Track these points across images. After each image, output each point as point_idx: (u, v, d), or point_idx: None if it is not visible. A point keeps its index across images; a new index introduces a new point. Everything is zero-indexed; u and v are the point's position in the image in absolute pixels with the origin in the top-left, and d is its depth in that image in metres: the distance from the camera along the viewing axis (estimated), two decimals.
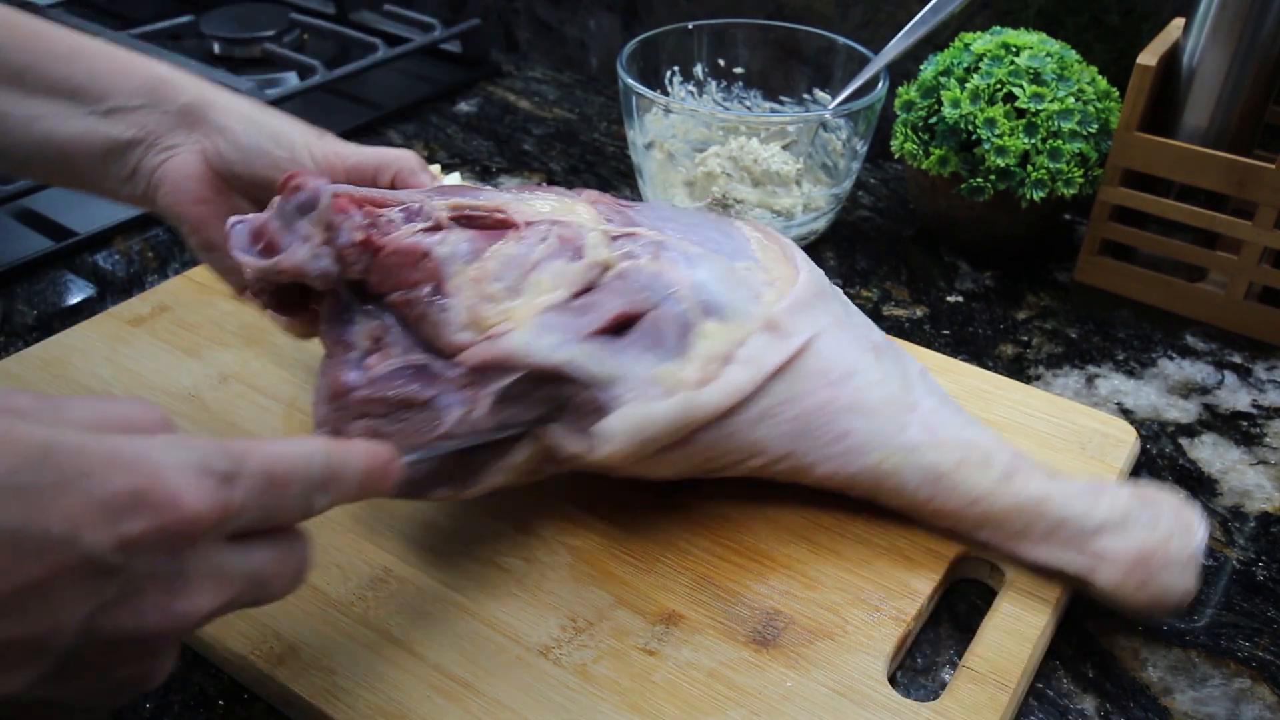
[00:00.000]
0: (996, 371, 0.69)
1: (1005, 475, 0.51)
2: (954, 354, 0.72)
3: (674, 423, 0.49)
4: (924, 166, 0.77)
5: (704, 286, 0.52)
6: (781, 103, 0.91)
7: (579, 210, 0.54)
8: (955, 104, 0.74)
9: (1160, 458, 0.64)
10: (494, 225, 0.51)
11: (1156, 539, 0.49)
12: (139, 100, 0.54)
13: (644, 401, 0.49)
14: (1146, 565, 0.49)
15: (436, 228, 0.50)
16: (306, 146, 0.55)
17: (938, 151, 0.76)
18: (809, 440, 0.52)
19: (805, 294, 0.54)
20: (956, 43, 0.78)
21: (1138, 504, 0.51)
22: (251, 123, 0.54)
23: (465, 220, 0.51)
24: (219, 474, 0.33)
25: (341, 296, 0.50)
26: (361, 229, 0.49)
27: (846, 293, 0.60)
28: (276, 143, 0.54)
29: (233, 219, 0.51)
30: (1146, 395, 0.69)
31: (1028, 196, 0.74)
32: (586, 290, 0.50)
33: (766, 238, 0.58)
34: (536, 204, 0.53)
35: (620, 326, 0.50)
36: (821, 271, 0.58)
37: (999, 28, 0.79)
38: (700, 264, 0.53)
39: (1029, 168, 0.73)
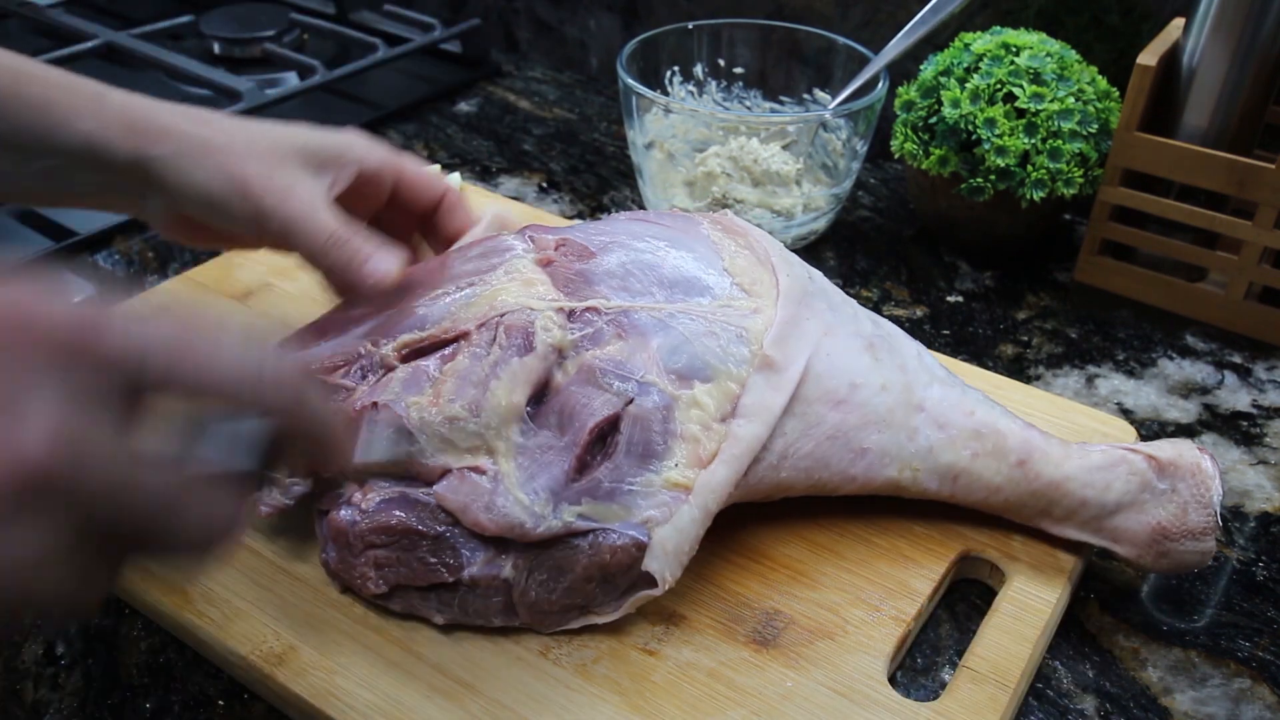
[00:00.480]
0: (996, 371, 0.69)
1: (1019, 461, 0.52)
2: (954, 354, 0.72)
3: (705, 515, 0.48)
4: (924, 166, 0.77)
5: (679, 351, 0.50)
6: (781, 103, 0.91)
7: (528, 280, 0.52)
8: (955, 104, 0.74)
9: None
10: (449, 341, 0.51)
11: (1173, 513, 0.51)
12: (78, 164, 0.51)
13: (669, 524, 0.47)
14: (1165, 539, 0.51)
15: (387, 371, 0.50)
16: (246, 219, 0.51)
17: (938, 151, 0.76)
18: (830, 468, 0.52)
19: (790, 312, 0.52)
20: (956, 43, 0.78)
21: (1155, 474, 0.51)
22: (192, 192, 0.51)
23: (416, 354, 0.51)
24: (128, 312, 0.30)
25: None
26: None
27: (847, 292, 0.59)
28: (213, 212, 0.51)
29: None
30: (1146, 395, 0.69)
31: (1028, 196, 0.74)
32: (547, 384, 0.49)
33: (736, 241, 0.56)
34: (486, 289, 0.52)
35: (602, 434, 0.48)
36: (797, 262, 0.57)
37: (999, 28, 0.79)
38: (672, 324, 0.51)
39: (1029, 168, 0.73)
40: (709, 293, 0.53)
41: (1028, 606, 0.51)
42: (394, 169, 0.57)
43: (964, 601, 0.54)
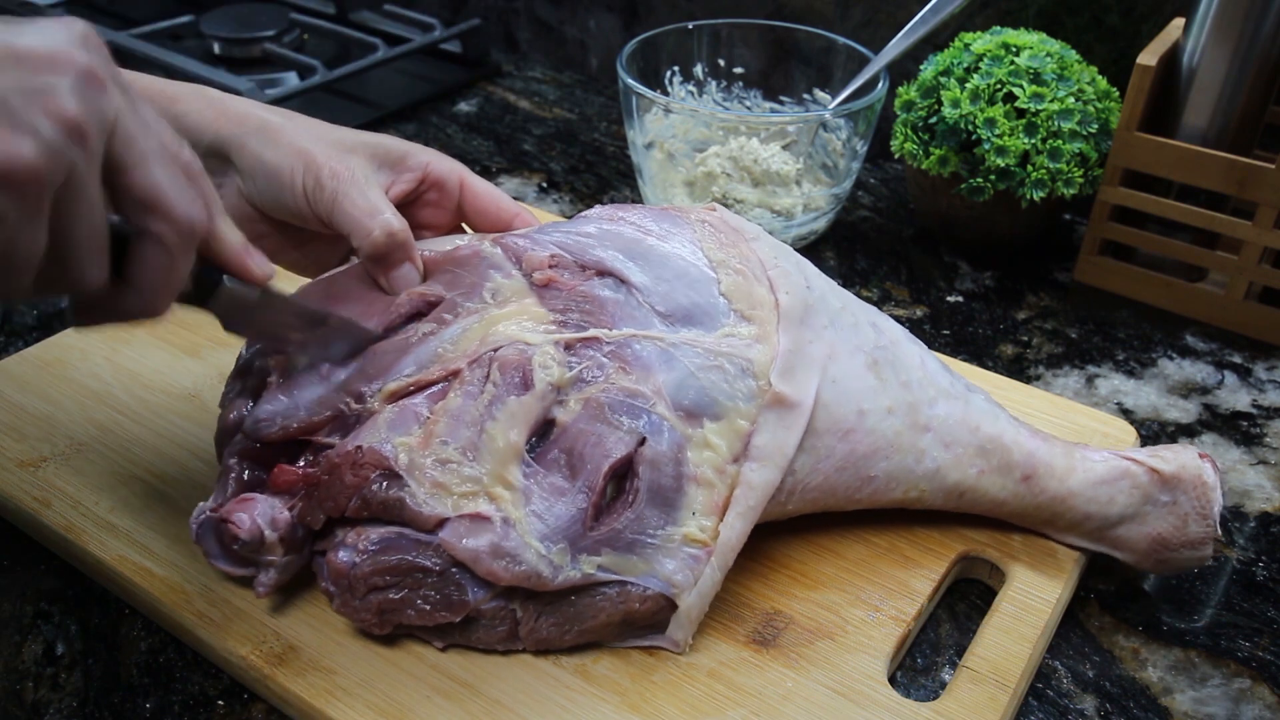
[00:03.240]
0: (996, 371, 0.69)
1: (1025, 477, 0.52)
2: (954, 354, 0.72)
3: (723, 572, 0.48)
4: (924, 166, 0.77)
5: (685, 386, 0.48)
6: (781, 103, 0.91)
7: (522, 308, 0.50)
8: (955, 104, 0.74)
9: None
10: (440, 380, 0.49)
11: (1173, 524, 0.51)
12: None
13: (694, 590, 0.47)
14: (1164, 548, 0.52)
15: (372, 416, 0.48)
16: (305, 194, 0.52)
17: (938, 151, 0.76)
18: (836, 495, 0.52)
19: (793, 338, 0.50)
20: (956, 43, 0.78)
21: (1157, 487, 0.52)
22: (261, 170, 0.52)
23: (404, 397, 0.48)
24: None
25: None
26: (299, 499, 0.48)
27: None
28: (283, 189, 0.52)
29: (193, 519, 0.49)
30: (1146, 395, 0.69)
31: (1028, 196, 0.74)
32: (549, 424, 0.48)
33: (729, 255, 0.52)
34: (476, 321, 0.50)
35: (617, 475, 0.47)
36: (794, 266, 0.54)
37: (999, 28, 0.79)
38: (676, 356, 0.49)
39: (1029, 168, 0.73)
40: (709, 321, 0.50)
41: (1028, 606, 0.51)
42: (460, 179, 0.57)
43: (964, 601, 0.54)
